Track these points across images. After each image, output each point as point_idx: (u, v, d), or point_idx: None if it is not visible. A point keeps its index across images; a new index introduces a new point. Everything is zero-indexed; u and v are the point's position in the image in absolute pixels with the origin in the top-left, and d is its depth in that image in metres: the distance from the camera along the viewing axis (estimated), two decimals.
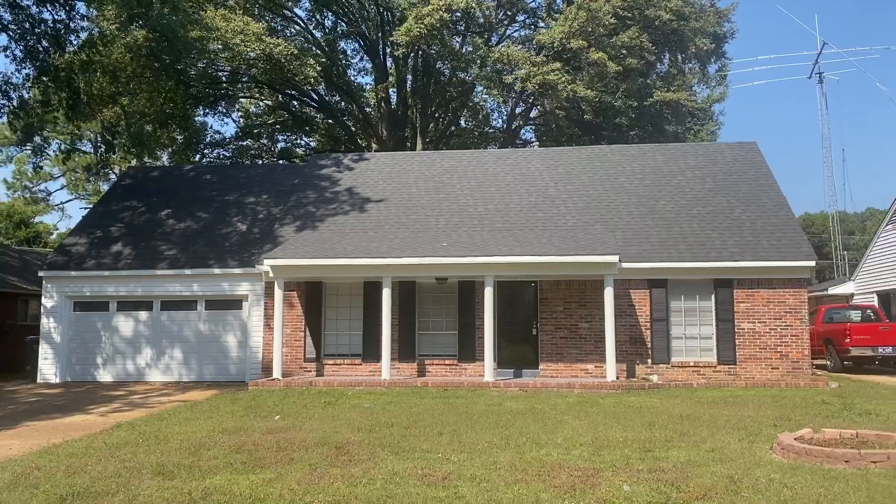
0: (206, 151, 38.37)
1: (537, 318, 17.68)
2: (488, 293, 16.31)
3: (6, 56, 18.91)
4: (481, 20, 29.20)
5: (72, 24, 19.86)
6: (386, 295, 16.62)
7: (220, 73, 33.09)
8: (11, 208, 54.35)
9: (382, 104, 36.87)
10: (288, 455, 8.94)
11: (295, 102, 38.41)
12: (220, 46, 26.00)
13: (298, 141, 43.37)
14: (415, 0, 25.13)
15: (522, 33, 32.25)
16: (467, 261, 16.12)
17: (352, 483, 7.58)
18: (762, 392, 14.71)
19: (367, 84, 39.65)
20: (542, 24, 30.79)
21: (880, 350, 19.69)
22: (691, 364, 17.11)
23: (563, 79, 26.17)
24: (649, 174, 20.41)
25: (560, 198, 19.77)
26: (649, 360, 17.23)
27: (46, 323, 19.45)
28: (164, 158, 38.98)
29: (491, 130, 38.13)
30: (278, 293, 16.99)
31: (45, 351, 19.32)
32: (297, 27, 33.34)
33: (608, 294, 16.04)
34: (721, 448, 9.05)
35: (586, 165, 21.12)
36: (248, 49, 26.23)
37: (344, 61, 37.55)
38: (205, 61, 27.79)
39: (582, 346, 17.37)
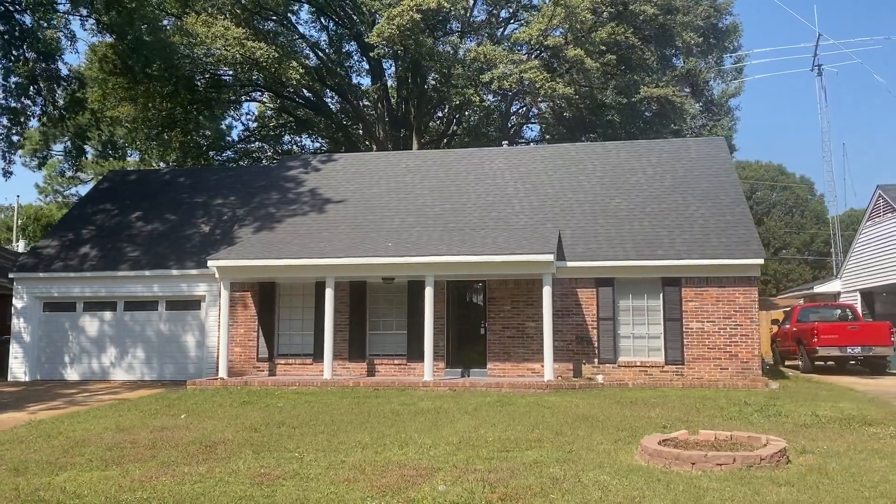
0: (211, 154, 38.96)
1: (486, 318, 17.64)
2: (428, 293, 16.30)
3: None
4: (456, 20, 29.17)
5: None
6: (329, 295, 16.73)
7: (222, 77, 33.70)
8: (39, 211, 56.04)
9: (379, 104, 37.08)
10: (153, 453, 9.11)
11: (295, 104, 38.83)
12: (201, 52, 26.40)
13: (302, 143, 43.90)
14: (390, 1, 25.22)
15: (501, 32, 32.10)
16: (406, 260, 16.15)
17: (182, 481, 7.69)
18: (695, 393, 14.45)
19: (366, 85, 39.87)
20: (516, 22, 30.58)
21: (848, 350, 19.16)
22: (638, 364, 16.88)
23: (542, 76, 25.99)
24: (609, 172, 20.18)
25: (517, 197, 19.68)
26: (596, 360, 17.05)
27: (17, 323, 20.04)
28: (157, 163, 39.78)
29: (491, 130, 38.04)
30: (224, 294, 17.25)
31: (15, 350, 19.91)
32: (291, 31, 33.61)
33: (546, 293, 15.92)
34: (584, 449, 8.95)
35: (548, 164, 20.98)
36: (229, 53, 26.59)
37: (346, 63, 37.90)
38: (188, 67, 28.19)
39: (529, 346, 17.26)
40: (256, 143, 42.91)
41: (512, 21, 32.89)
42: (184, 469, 8.26)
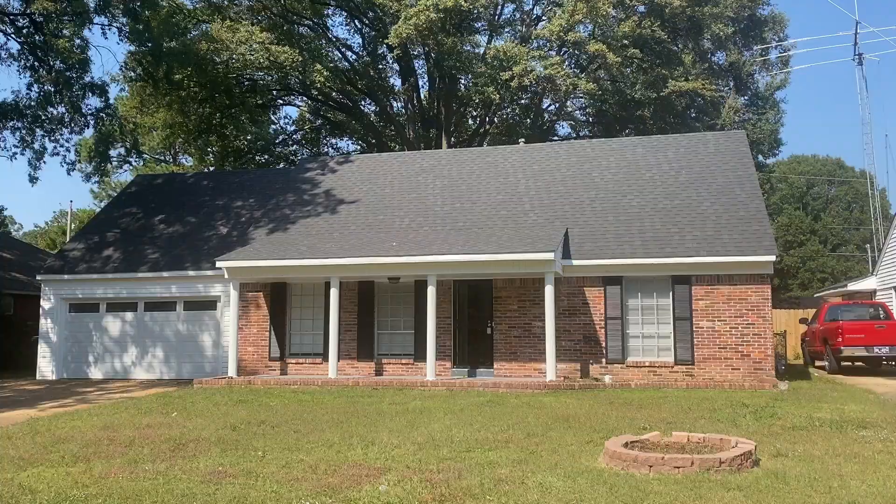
0: (250, 158, 39.64)
1: (492, 318, 17.50)
2: (431, 292, 16.27)
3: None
4: (483, 19, 29.03)
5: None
6: (333, 295, 16.85)
7: (258, 82, 34.28)
8: (86, 214, 58.04)
9: (409, 105, 37.21)
10: (125, 450, 9.30)
11: (328, 107, 39.26)
12: (226, 57, 26.89)
13: (338, 146, 44.36)
14: (410, 1, 25.27)
15: (531, 29, 31.76)
16: (407, 260, 16.15)
17: (137, 478, 7.82)
18: (697, 394, 14.06)
19: (398, 86, 40.03)
20: (546, 19, 30.24)
21: (875, 350, 18.37)
22: (647, 364, 16.52)
23: (563, 73, 25.67)
24: (624, 168, 19.80)
25: (528, 195, 19.48)
26: (603, 360, 16.75)
27: (45, 323, 20.75)
28: (202, 167, 40.69)
29: (523, 128, 37.76)
30: (233, 294, 17.53)
31: (43, 350, 20.62)
32: (319, 36, 33.92)
33: (548, 292, 15.72)
34: (548, 451, 8.79)
35: (562, 161, 20.71)
36: (254, 58, 27.03)
37: (380, 64, 38.10)
38: (220, 73, 28.72)
39: (536, 345, 17.05)
40: (294, 146, 43.55)
41: (542, 18, 32.58)
42: (146, 466, 8.40)
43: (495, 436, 9.73)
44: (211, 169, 39.03)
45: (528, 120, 35.38)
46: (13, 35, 21.18)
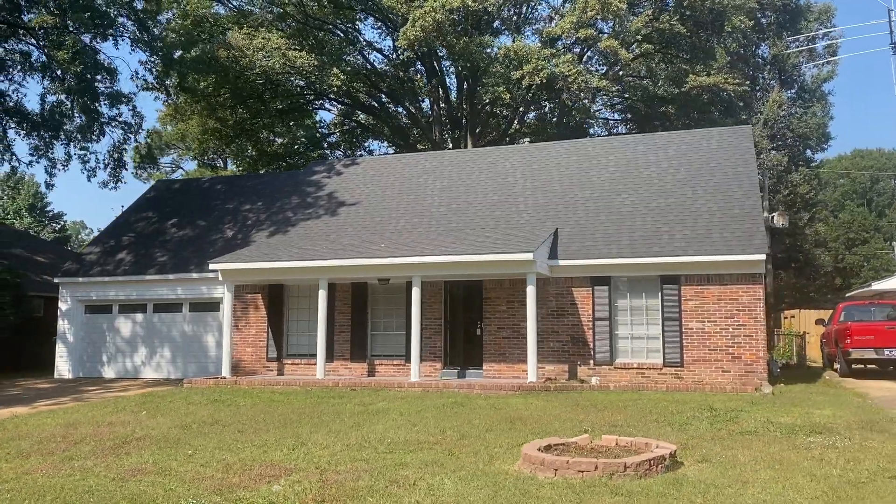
0: (287, 160, 40.34)
1: (482, 318, 17.43)
2: (415, 293, 16.31)
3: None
4: (493, 18, 28.88)
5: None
6: (322, 297, 17.05)
7: (290, 87, 34.92)
8: None
9: (435, 106, 37.31)
10: (69, 447, 9.65)
11: (355, 110, 39.71)
12: (245, 64, 27.48)
13: (370, 148, 44.78)
14: (419, 2, 25.33)
15: (536, 27, 31.50)
16: (391, 261, 16.21)
17: (58, 474, 8.16)
18: (675, 396, 13.71)
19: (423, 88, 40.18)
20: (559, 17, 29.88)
21: (886, 352, 17.57)
22: (635, 366, 16.20)
23: (575, 70, 25.35)
24: (623, 167, 19.45)
25: (523, 195, 19.33)
26: (591, 362, 16.49)
27: (62, 324, 21.60)
28: (237, 170, 41.66)
29: (549, 127, 37.44)
30: (227, 296, 17.90)
31: (60, 350, 21.47)
32: (342, 39, 34.29)
33: (529, 293, 15.58)
34: (469, 453, 8.76)
35: (562, 160, 20.47)
36: (270, 63, 27.55)
37: (412, 66, 38.33)
38: (246, 79, 29.36)
39: (524, 347, 16.78)
40: (328, 149, 44.15)
41: (559, 16, 32.25)
42: (77, 463, 8.71)
43: (429, 437, 9.72)
44: (242, 172, 39.94)
45: (555, 120, 35.07)
46: (35, 45, 22.07)
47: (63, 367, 21.34)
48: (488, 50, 26.69)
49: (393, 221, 19.48)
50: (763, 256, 15.33)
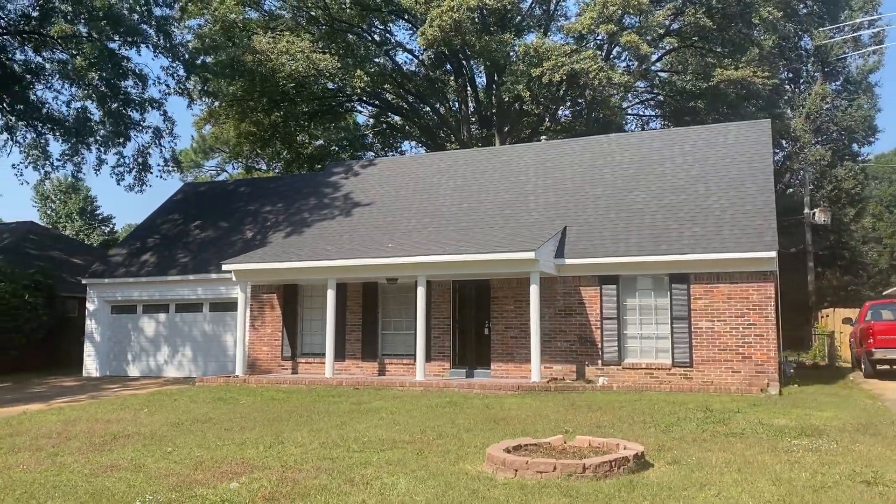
0: (322, 161, 40.86)
1: (490, 318, 17.37)
2: (420, 293, 16.34)
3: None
4: (509, 16, 28.71)
5: None
6: (330, 296, 17.21)
7: (311, 89, 35.37)
8: None
9: (463, 105, 37.31)
10: (60, 443, 9.96)
11: (383, 111, 39.98)
12: (270, 67, 27.89)
13: (402, 149, 45.01)
14: (437, 2, 25.33)
15: (560, 24, 31.17)
16: (395, 261, 16.28)
17: (37, 470, 8.41)
18: (675, 398, 13.45)
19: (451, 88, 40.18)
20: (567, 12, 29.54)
21: None
22: (644, 366, 15.94)
23: (596, 66, 25.06)
24: (636, 163, 19.16)
25: (535, 193, 19.20)
26: (599, 362, 16.29)
27: (90, 324, 22.27)
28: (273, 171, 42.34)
29: (579, 124, 37.08)
30: (241, 296, 18.21)
31: (88, 349, 22.15)
32: (366, 40, 34.54)
33: (533, 291, 15.47)
34: (439, 453, 8.75)
35: (575, 158, 20.26)
36: (295, 66, 27.90)
37: (443, 66, 38.42)
38: (279, 83, 29.76)
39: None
40: (362, 151, 44.55)
41: (548, 15, 31.99)
42: (60, 458, 8.98)
43: (406, 437, 9.73)
44: (276, 174, 40.56)
45: (583, 117, 34.71)
46: (65, 52, 22.76)
47: (91, 365, 22.00)
48: (508, 48, 26.52)
49: (404, 221, 19.55)
50: (773, 254, 14.92)
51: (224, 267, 18.08)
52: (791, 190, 41.70)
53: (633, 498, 6.63)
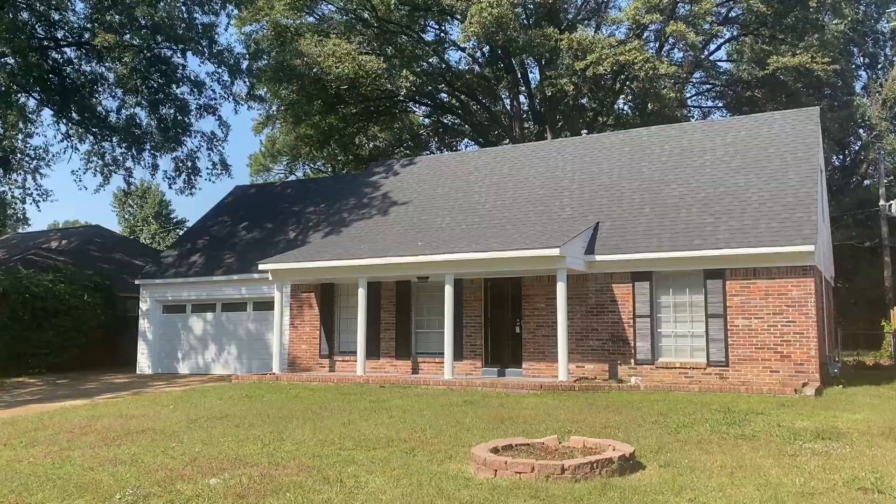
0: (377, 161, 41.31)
1: (521, 316, 17.14)
2: (448, 291, 16.25)
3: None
4: (557, 9, 28.24)
5: None
6: (361, 295, 17.32)
7: (361, 90, 35.83)
8: None
9: (514, 101, 37.06)
10: (76, 437, 10.33)
11: (435, 110, 40.08)
12: (317, 70, 28.36)
13: (457, 148, 45.03)
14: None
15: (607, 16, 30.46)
16: (421, 259, 16.24)
17: (44, 462, 8.74)
18: (697, 398, 12.94)
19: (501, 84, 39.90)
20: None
21: None
22: (678, 365, 15.41)
23: (641, 57, 24.42)
24: (675, 156, 18.56)
25: (569, 189, 18.85)
26: (632, 361, 15.84)
27: (142, 323, 23.10)
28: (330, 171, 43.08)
29: (633, 118, 36.30)
30: (277, 295, 18.54)
31: (141, 347, 22.99)
32: (416, 40, 34.66)
33: (560, 289, 15.18)
34: (428, 452, 8.67)
35: (614, 152, 19.78)
36: (341, 68, 28.24)
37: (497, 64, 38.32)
38: (329, 84, 30.25)
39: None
40: (418, 150, 44.82)
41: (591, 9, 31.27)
42: (68, 453, 9.31)
43: (405, 435, 9.68)
44: (330, 174, 41.23)
45: (637, 111, 33.96)
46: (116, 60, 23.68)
47: (144, 363, 22.83)
48: (553, 42, 26.12)
49: (439, 219, 19.51)
50: (812, 248, 14.17)
51: (260, 266, 18.45)
52: (868, 182, 39.76)
53: (601, 501, 6.39)
